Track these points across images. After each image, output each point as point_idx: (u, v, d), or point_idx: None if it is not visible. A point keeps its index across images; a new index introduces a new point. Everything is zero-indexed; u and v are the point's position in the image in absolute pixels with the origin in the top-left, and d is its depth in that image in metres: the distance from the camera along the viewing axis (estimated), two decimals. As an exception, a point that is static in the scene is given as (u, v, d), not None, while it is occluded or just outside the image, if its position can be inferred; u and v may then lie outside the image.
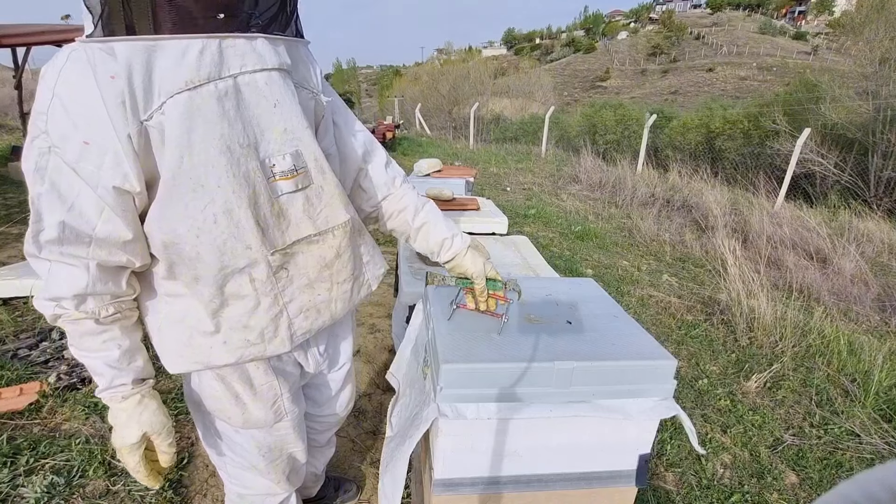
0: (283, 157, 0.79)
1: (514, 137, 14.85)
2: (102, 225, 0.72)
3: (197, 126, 0.69)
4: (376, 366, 2.46)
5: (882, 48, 9.05)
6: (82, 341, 0.79)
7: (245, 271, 0.80)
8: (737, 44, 50.19)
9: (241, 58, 0.72)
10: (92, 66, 0.65)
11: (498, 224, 2.39)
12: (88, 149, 0.68)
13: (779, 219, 5.83)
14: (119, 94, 0.66)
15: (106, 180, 0.69)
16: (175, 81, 0.67)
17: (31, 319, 2.56)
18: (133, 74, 0.66)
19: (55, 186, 0.70)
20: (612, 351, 1.04)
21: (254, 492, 1.12)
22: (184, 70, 0.67)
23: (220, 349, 0.85)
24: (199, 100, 0.69)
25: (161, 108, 0.68)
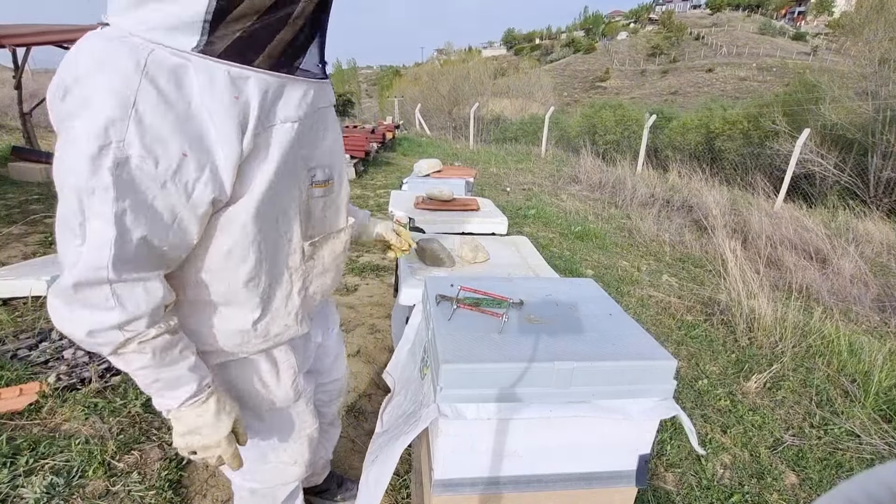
0: (323, 169, 0.91)
1: (514, 138, 14.85)
2: (175, 232, 0.71)
3: (293, 146, 0.79)
4: (376, 366, 2.46)
5: (881, 49, 9.06)
6: (164, 357, 0.77)
7: (284, 261, 0.89)
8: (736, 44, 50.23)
9: (323, 96, 0.87)
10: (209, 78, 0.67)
11: (498, 224, 2.39)
12: (187, 160, 0.67)
13: (778, 219, 5.83)
14: (240, 113, 0.70)
15: (201, 191, 0.69)
16: (289, 111, 0.77)
17: (31, 320, 2.56)
18: (264, 97, 0.72)
19: (137, 200, 0.65)
20: (612, 351, 1.04)
21: (267, 484, 1.14)
22: (297, 104, 0.78)
23: (258, 339, 0.91)
24: (300, 127, 0.80)
25: (271, 129, 0.75)
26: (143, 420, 1.92)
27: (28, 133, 6.55)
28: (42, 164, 5.53)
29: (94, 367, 2.12)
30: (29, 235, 3.81)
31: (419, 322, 1.41)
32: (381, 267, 3.83)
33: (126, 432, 1.84)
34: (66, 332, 0.71)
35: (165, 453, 1.77)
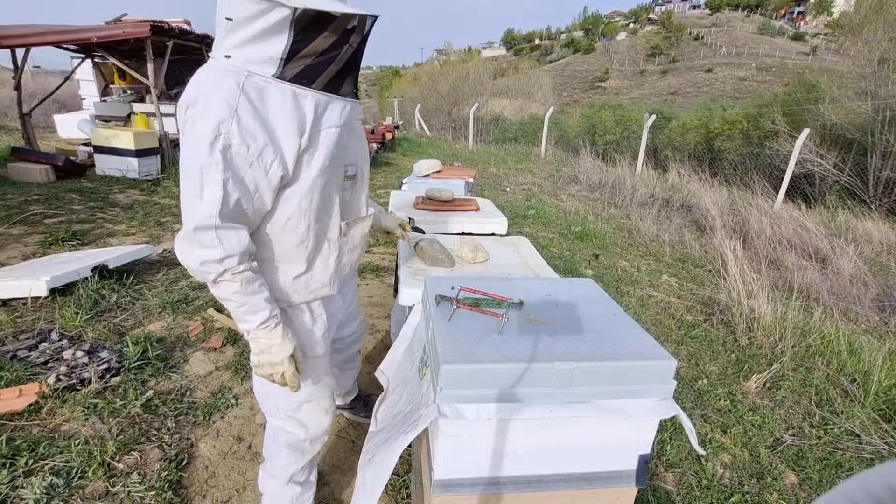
0: (351, 166, 1.22)
1: (514, 138, 14.85)
2: (258, 199, 1.03)
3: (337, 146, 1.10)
4: (376, 366, 2.45)
5: (881, 48, 9.06)
6: (247, 288, 1.05)
7: (327, 234, 1.20)
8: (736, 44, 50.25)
9: (356, 112, 1.20)
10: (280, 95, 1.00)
11: (497, 224, 2.39)
12: (267, 148, 0.99)
13: (778, 219, 5.83)
14: (300, 119, 1.02)
15: (273, 170, 1.01)
16: (333, 120, 1.08)
17: (31, 321, 2.56)
18: (316, 110, 1.04)
19: (237, 174, 0.98)
20: (612, 351, 1.04)
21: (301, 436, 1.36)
22: (338, 116, 1.10)
23: (303, 290, 1.21)
24: (341, 131, 1.11)
25: (319, 132, 1.06)
26: (143, 421, 1.92)
27: (28, 134, 6.54)
28: (41, 165, 5.53)
29: (93, 367, 2.11)
30: (28, 236, 3.81)
31: (418, 322, 1.41)
32: (381, 267, 3.83)
33: (126, 433, 1.84)
34: (185, 265, 1.03)
35: (165, 454, 1.77)
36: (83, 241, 3.84)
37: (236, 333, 2.64)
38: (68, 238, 3.78)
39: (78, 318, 2.56)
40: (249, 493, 1.67)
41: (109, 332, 2.51)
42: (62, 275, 2.76)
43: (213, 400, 2.10)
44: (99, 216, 4.50)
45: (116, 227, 4.30)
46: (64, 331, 2.47)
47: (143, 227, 4.34)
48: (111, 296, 2.87)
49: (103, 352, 2.29)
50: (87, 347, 2.31)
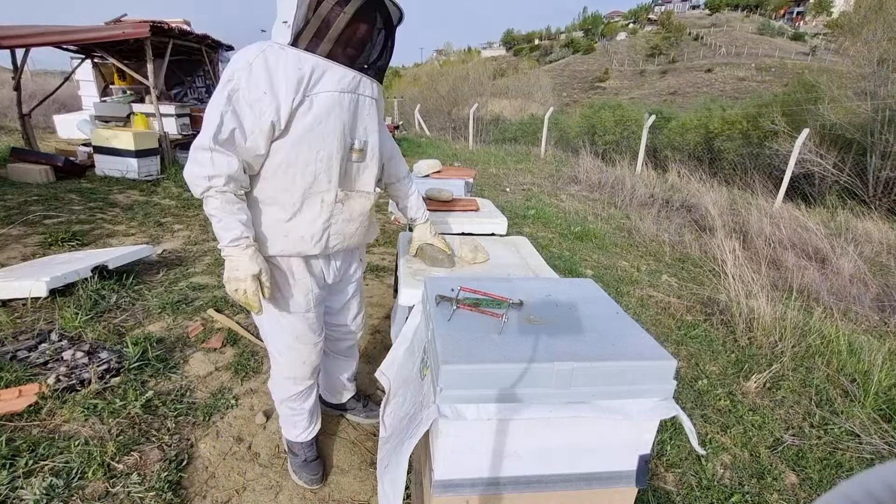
0: (360, 141, 1.36)
1: (514, 138, 14.86)
2: (252, 138, 1.21)
3: (334, 110, 1.25)
4: (376, 366, 2.45)
5: (880, 48, 9.06)
6: (226, 207, 1.23)
7: (321, 194, 1.33)
8: (735, 44, 50.26)
9: (365, 87, 1.32)
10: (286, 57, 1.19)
11: (497, 225, 2.39)
12: (265, 96, 1.18)
13: (778, 219, 5.84)
14: (299, 78, 1.19)
15: (266, 116, 1.19)
16: (331, 85, 1.23)
17: (30, 321, 2.56)
18: (313, 72, 1.20)
19: (236, 110, 1.18)
20: (612, 351, 1.04)
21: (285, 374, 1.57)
22: (338, 82, 1.24)
23: (281, 238, 1.34)
24: (340, 98, 1.25)
25: (317, 94, 1.22)
26: (143, 421, 1.92)
27: (27, 134, 6.54)
28: (41, 166, 5.52)
29: (93, 368, 2.11)
30: (28, 237, 3.81)
31: (418, 322, 1.41)
32: (381, 268, 3.83)
33: (125, 434, 1.84)
34: (185, 179, 1.23)
35: (165, 454, 1.77)
36: (83, 241, 3.84)
37: (236, 334, 2.64)
38: (68, 238, 3.78)
39: (78, 319, 2.55)
40: (249, 494, 1.67)
41: (109, 333, 2.51)
42: (62, 275, 2.76)
43: (213, 400, 2.10)
44: (99, 217, 4.50)
45: (116, 227, 4.30)
46: (64, 331, 2.47)
47: (142, 228, 4.34)
48: (111, 296, 2.87)
49: (103, 352, 2.29)
50: (87, 348, 2.31)
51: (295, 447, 1.74)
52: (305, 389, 1.64)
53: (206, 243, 4.06)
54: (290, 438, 1.73)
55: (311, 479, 1.71)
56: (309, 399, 1.68)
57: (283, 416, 1.71)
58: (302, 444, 1.73)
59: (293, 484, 1.72)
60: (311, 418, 1.72)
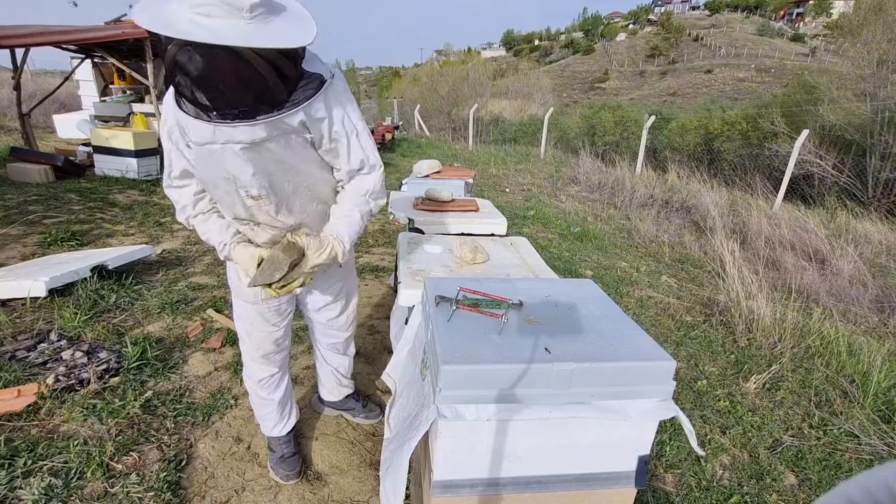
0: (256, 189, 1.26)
1: (513, 139, 14.86)
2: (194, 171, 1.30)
3: (204, 159, 1.22)
4: (376, 367, 2.46)
5: (880, 50, 9.07)
6: (201, 227, 1.39)
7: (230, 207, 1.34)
8: (735, 45, 50.30)
9: (226, 135, 1.15)
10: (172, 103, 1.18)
11: (497, 225, 2.39)
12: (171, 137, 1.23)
13: (777, 220, 5.84)
14: (177, 125, 1.20)
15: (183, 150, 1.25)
16: (194, 137, 1.19)
17: (30, 321, 2.56)
18: (183, 122, 1.18)
19: (178, 147, 1.24)
20: (612, 352, 1.04)
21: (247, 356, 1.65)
22: (198, 135, 1.17)
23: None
24: (200, 150, 1.20)
25: (190, 140, 1.20)
26: (142, 421, 1.92)
27: (27, 134, 6.54)
28: (41, 165, 5.52)
29: (92, 368, 2.11)
30: (27, 236, 3.80)
31: (419, 323, 1.41)
32: (380, 268, 3.83)
33: (124, 434, 1.83)
34: None
35: (164, 455, 1.77)
36: (82, 241, 3.84)
37: (235, 334, 2.64)
38: (67, 238, 3.78)
39: (77, 319, 2.55)
40: (248, 494, 1.67)
41: (108, 333, 2.51)
42: (61, 275, 2.76)
43: (213, 401, 2.10)
44: (98, 216, 4.50)
45: (115, 227, 4.29)
46: (63, 331, 2.46)
47: (142, 228, 4.34)
48: (110, 296, 2.87)
49: (102, 352, 2.29)
50: (86, 348, 2.31)
51: (272, 443, 1.77)
52: (268, 378, 1.67)
53: (205, 243, 4.06)
54: (266, 434, 1.78)
55: (287, 474, 1.72)
56: (277, 390, 1.71)
57: (255, 407, 1.76)
58: (278, 439, 1.76)
59: (292, 484, 1.72)
60: (282, 412, 1.75)
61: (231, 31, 0.99)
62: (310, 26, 1.11)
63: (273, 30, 1.04)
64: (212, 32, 0.97)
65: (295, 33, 1.07)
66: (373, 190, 1.40)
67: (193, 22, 0.97)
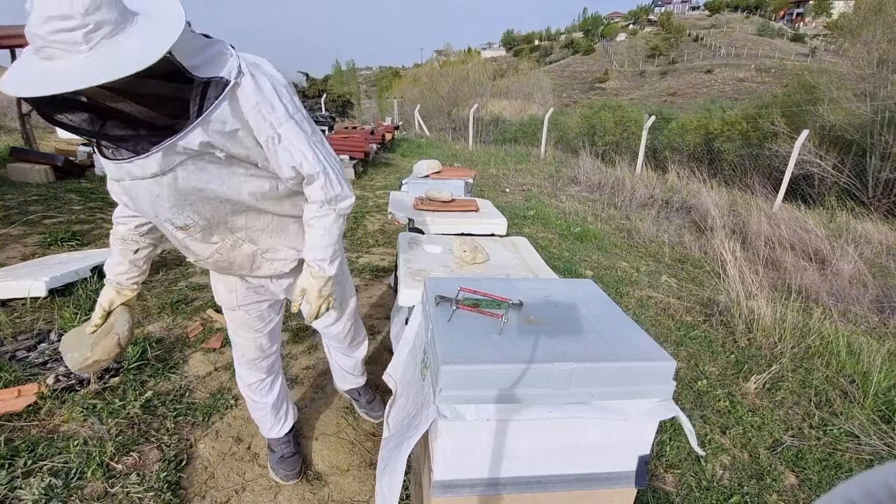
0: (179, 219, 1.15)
1: (513, 139, 14.86)
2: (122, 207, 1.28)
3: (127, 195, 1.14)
4: (376, 367, 2.45)
5: (880, 50, 9.08)
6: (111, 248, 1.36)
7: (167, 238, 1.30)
8: (735, 45, 50.31)
9: (125, 171, 1.06)
10: None
11: (497, 225, 2.39)
12: None
13: (777, 220, 5.84)
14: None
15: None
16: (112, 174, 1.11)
17: (30, 321, 2.56)
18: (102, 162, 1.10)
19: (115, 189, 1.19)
20: (612, 352, 1.04)
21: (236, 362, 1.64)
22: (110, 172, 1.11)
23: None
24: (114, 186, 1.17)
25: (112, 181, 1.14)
26: (142, 421, 1.92)
27: (27, 134, 6.54)
28: (41, 166, 5.52)
29: (92, 368, 2.11)
30: (28, 236, 3.80)
31: (419, 323, 1.41)
32: (380, 268, 3.83)
33: (125, 434, 1.84)
34: None
35: (164, 455, 1.77)
36: (82, 241, 3.84)
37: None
38: (67, 238, 3.78)
39: (77, 319, 2.55)
40: (248, 494, 1.67)
41: (108, 333, 2.51)
42: (61, 275, 2.76)
43: (213, 401, 2.10)
44: (98, 216, 4.50)
45: (116, 227, 4.29)
46: (63, 331, 2.46)
47: (142, 228, 4.34)
48: (110, 296, 2.87)
49: (102, 352, 2.29)
50: (86, 348, 2.31)
51: (272, 443, 1.78)
52: (258, 383, 1.64)
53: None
54: (264, 435, 1.78)
55: (287, 474, 1.72)
56: (269, 394, 1.69)
57: (250, 410, 1.75)
58: (277, 440, 1.76)
59: (292, 484, 1.72)
60: (277, 415, 1.74)
61: (68, 72, 0.83)
62: (172, 26, 0.92)
63: (117, 54, 0.86)
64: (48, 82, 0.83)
65: (148, 48, 0.87)
66: (324, 199, 1.22)
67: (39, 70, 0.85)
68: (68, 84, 0.82)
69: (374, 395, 2.11)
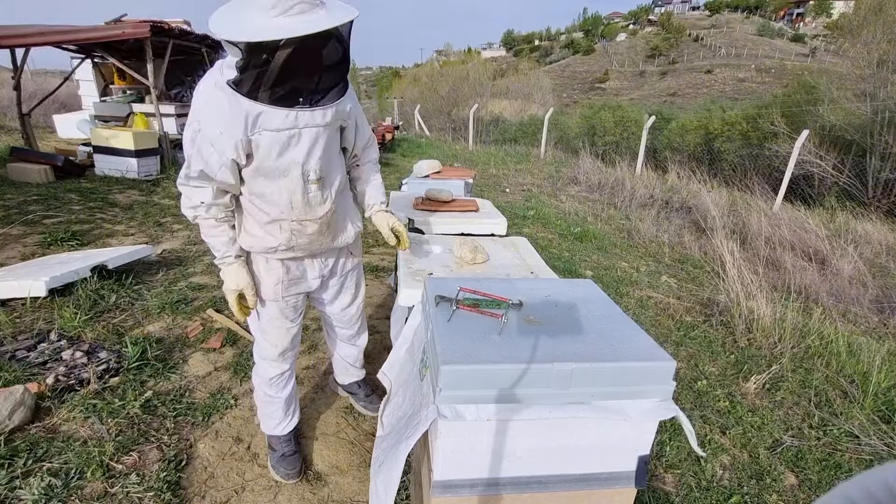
0: (314, 172, 1.41)
1: (514, 139, 14.86)
2: (220, 173, 1.34)
3: (274, 148, 1.32)
4: (376, 367, 2.45)
5: (879, 50, 9.07)
6: (210, 231, 1.44)
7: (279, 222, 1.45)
8: (735, 45, 50.30)
9: (305, 119, 1.32)
10: (232, 99, 1.25)
11: (497, 225, 2.39)
12: (222, 136, 1.27)
13: (777, 220, 5.84)
14: (242, 120, 1.26)
15: (227, 153, 1.30)
16: (270, 125, 1.28)
17: (30, 321, 2.56)
18: (250, 115, 1.26)
19: (200, 150, 1.31)
20: (612, 352, 1.04)
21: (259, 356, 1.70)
22: (276, 121, 1.28)
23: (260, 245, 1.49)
24: (278, 137, 1.31)
25: (259, 133, 1.29)
26: (142, 421, 1.92)
27: (27, 134, 6.54)
28: (41, 165, 5.52)
29: (92, 368, 2.11)
30: (27, 236, 3.80)
31: (418, 322, 1.41)
32: (381, 268, 3.83)
33: (124, 434, 1.84)
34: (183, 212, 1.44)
35: (164, 455, 1.77)
36: (82, 241, 3.84)
37: (235, 334, 2.64)
38: (67, 238, 3.78)
39: (77, 319, 2.55)
40: (248, 494, 1.67)
41: (108, 333, 2.51)
42: (61, 275, 2.76)
43: (212, 401, 2.10)
44: (98, 216, 4.50)
45: (116, 227, 4.29)
46: (63, 331, 2.46)
47: (142, 228, 4.34)
48: (110, 296, 2.87)
49: (102, 352, 2.29)
50: (86, 348, 2.31)
51: (273, 442, 1.80)
52: (279, 376, 1.71)
53: (205, 243, 4.06)
54: (268, 432, 1.80)
55: (287, 473, 1.74)
56: (285, 389, 1.75)
57: (261, 406, 1.78)
58: (279, 438, 1.79)
59: (292, 484, 1.72)
60: (287, 410, 1.79)
61: (319, 19, 1.16)
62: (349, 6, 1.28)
63: (338, 10, 1.21)
64: (309, 24, 1.14)
65: (349, 10, 1.24)
66: (378, 158, 1.75)
67: (280, 25, 1.13)
68: (329, 22, 1.16)
69: (372, 390, 2.15)
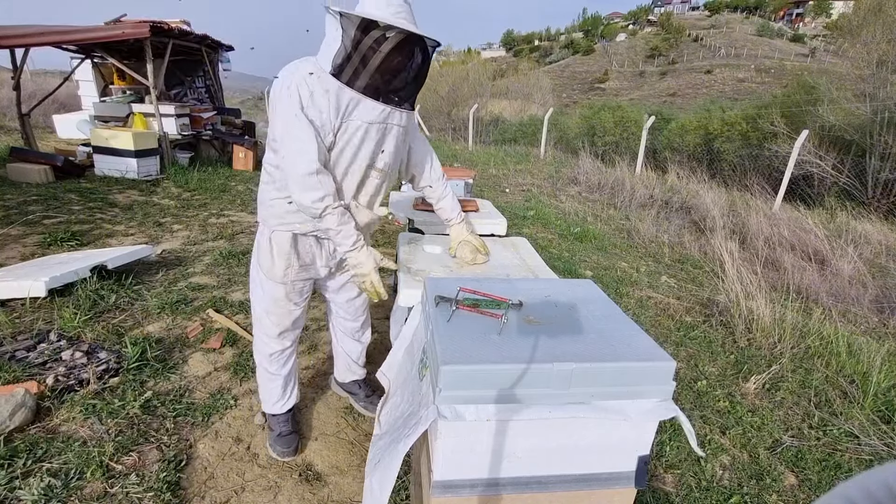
0: (383, 163, 1.53)
1: (513, 139, 14.85)
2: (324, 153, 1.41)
3: (358, 136, 1.42)
4: (376, 367, 2.45)
5: (879, 50, 9.07)
6: (342, 218, 1.45)
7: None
8: (735, 46, 50.31)
9: (395, 118, 1.47)
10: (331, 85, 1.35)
11: (497, 225, 2.39)
12: (322, 115, 1.35)
13: (777, 220, 5.84)
14: (337, 106, 1.36)
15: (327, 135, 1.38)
16: (363, 116, 1.40)
17: (29, 321, 2.56)
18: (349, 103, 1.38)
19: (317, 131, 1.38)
20: (611, 352, 1.04)
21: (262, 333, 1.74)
22: (369, 114, 1.41)
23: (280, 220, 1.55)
24: (368, 128, 1.43)
25: (351, 120, 1.39)
26: (142, 422, 1.92)
27: (26, 134, 6.54)
28: (40, 166, 5.52)
29: (92, 368, 2.11)
30: (27, 236, 3.80)
31: (417, 322, 1.41)
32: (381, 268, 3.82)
33: (124, 434, 1.83)
34: (298, 205, 1.42)
35: (164, 455, 1.77)
36: (82, 241, 3.84)
37: (235, 334, 2.64)
38: (67, 238, 3.78)
39: (76, 319, 2.55)
40: (248, 494, 1.67)
41: (108, 333, 2.51)
42: (61, 275, 2.76)
43: (212, 401, 2.10)
44: (98, 217, 4.50)
45: (115, 227, 4.29)
46: (62, 331, 2.46)
47: (142, 228, 4.34)
48: (110, 296, 2.87)
49: (102, 353, 2.29)
50: (86, 348, 2.31)
51: (272, 421, 1.86)
52: (279, 352, 1.76)
53: (205, 243, 4.06)
54: (267, 411, 1.86)
55: (283, 451, 1.81)
56: (286, 366, 1.81)
57: (261, 383, 1.84)
58: (277, 416, 1.85)
59: (292, 484, 1.72)
60: (286, 388, 1.84)
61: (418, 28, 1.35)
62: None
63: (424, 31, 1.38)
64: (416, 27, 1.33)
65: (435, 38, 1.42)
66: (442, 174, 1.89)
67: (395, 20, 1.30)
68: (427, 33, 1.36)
69: (373, 391, 2.16)
